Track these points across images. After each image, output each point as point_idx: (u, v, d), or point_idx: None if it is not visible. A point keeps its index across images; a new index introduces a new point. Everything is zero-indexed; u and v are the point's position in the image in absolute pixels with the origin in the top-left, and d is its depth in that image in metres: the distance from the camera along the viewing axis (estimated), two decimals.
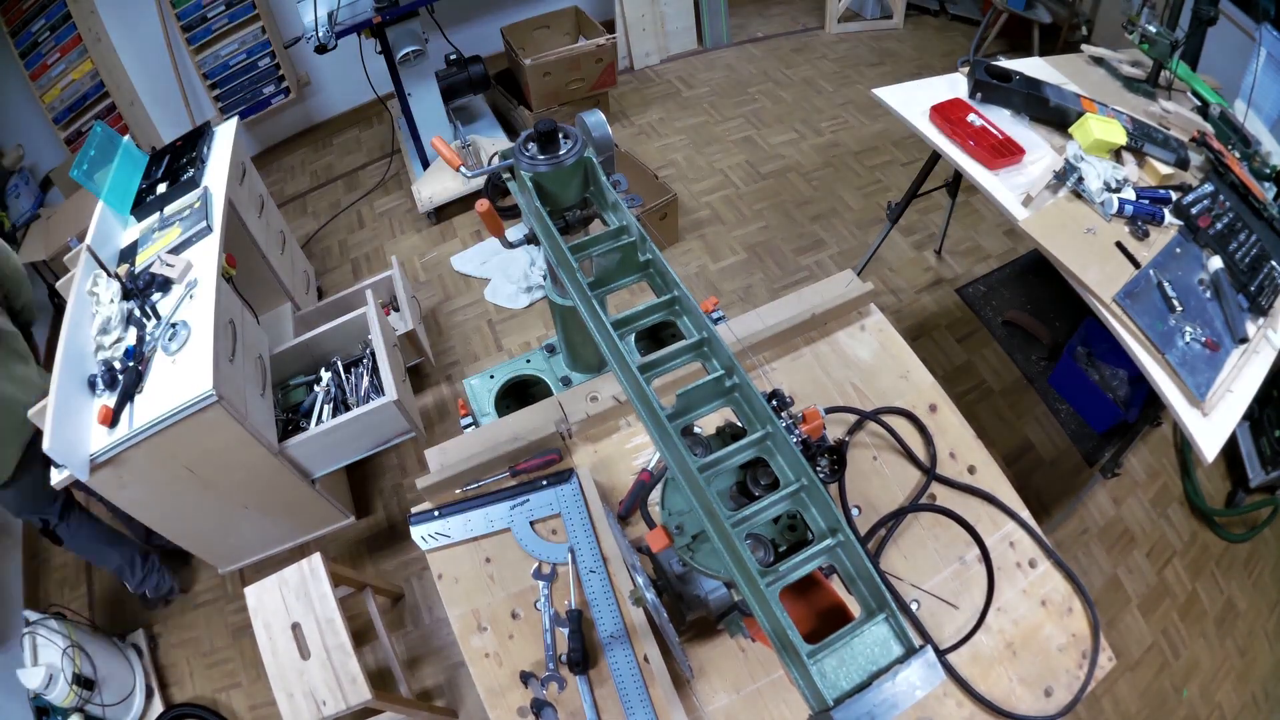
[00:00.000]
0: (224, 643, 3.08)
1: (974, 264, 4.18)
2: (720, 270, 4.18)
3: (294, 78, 4.88)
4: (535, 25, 4.96)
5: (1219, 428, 2.06)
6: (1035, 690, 1.50)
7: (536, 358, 2.43)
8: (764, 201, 4.58)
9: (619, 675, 1.46)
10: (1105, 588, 3.04)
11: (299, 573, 2.34)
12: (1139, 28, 2.83)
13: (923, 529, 1.66)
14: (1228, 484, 3.38)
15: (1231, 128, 2.74)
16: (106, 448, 2.22)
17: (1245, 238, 2.42)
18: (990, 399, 3.60)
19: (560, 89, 4.65)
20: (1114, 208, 2.38)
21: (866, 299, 2.00)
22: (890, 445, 1.79)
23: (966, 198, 4.09)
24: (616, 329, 1.03)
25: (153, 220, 2.86)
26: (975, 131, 2.60)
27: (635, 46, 5.63)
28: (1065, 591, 1.61)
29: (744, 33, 6.05)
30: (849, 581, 0.87)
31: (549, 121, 1.25)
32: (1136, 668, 2.86)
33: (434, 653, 2.95)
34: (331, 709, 2.17)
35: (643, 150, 4.94)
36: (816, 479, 0.90)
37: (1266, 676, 2.91)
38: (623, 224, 1.16)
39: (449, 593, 1.59)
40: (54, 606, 2.77)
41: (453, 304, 4.11)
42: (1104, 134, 2.50)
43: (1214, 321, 2.23)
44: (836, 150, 4.93)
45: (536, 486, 1.69)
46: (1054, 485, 3.31)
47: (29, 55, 4.09)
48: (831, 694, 0.76)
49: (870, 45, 5.92)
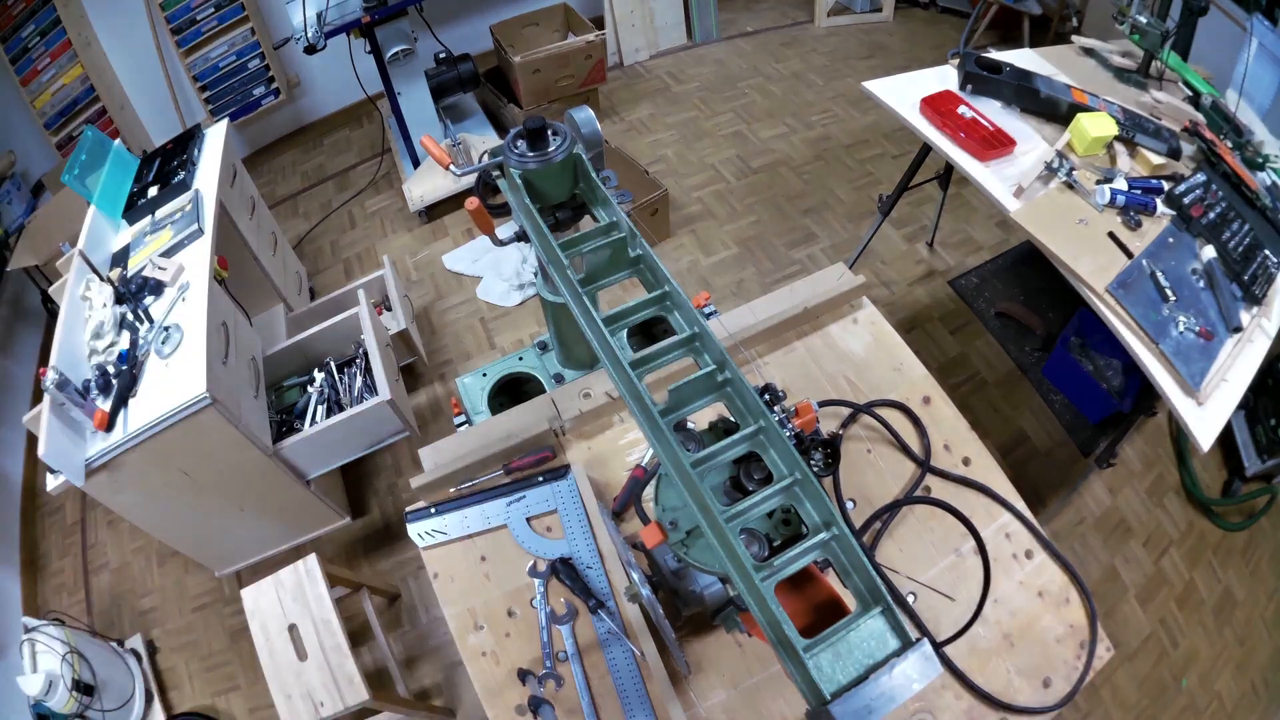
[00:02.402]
0: (222, 646, 3.08)
1: (966, 256, 4.18)
2: (712, 265, 4.18)
3: (284, 79, 4.87)
4: (524, 23, 4.95)
5: (1214, 417, 2.06)
6: (1034, 681, 1.50)
7: (529, 355, 2.43)
8: (755, 196, 4.57)
9: (616, 672, 1.46)
10: (1102, 578, 3.04)
11: (295, 574, 2.34)
12: (1130, 18, 2.83)
13: (918, 521, 1.66)
14: (1224, 473, 3.38)
15: (1223, 118, 2.74)
16: (101, 452, 2.22)
17: (1238, 227, 2.42)
18: (984, 390, 3.60)
19: (550, 86, 4.65)
20: (1106, 198, 2.38)
21: (859, 292, 2.00)
22: (884, 438, 1.79)
23: (958, 190, 4.09)
24: (608, 325, 1.03)
25: (144, 224, 2.85)
26: (966, 123, 2.60)
27: (624, 43, 5.62)
28: (1062, 582, 1.61)
29: (733, 27, 6.04)
30: (844, 575, 0.86)
31: (537, 119, 1.25)
32: (1135, 658, 2.86)
33: (431, 652, 2.95)
34: (329, 710, 2.17)
35: (633, 146, 4.93)
36: (810, 473, 0.90)
37: (1265, 665, 2.92)
38: (613, 220, 1.16)
39: (445, 592, 1.59)
40: (53, 613, 2.76)
41: (445, 302, 4.10)
42: (1097, 130, 2.50)
43: (1208, 311, 2.23)
44: (827, 144, 4.92)
45: (533, 483, 1.69)
46: (1049, 476, 3.31)
47: (19, 61, 4.07)
48: (829, 688, 0.76)
49: (860, 38, 5.91)
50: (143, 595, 3.27)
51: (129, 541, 3.43)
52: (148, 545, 3.39)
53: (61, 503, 3.63)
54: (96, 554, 3.44)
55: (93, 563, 3.42)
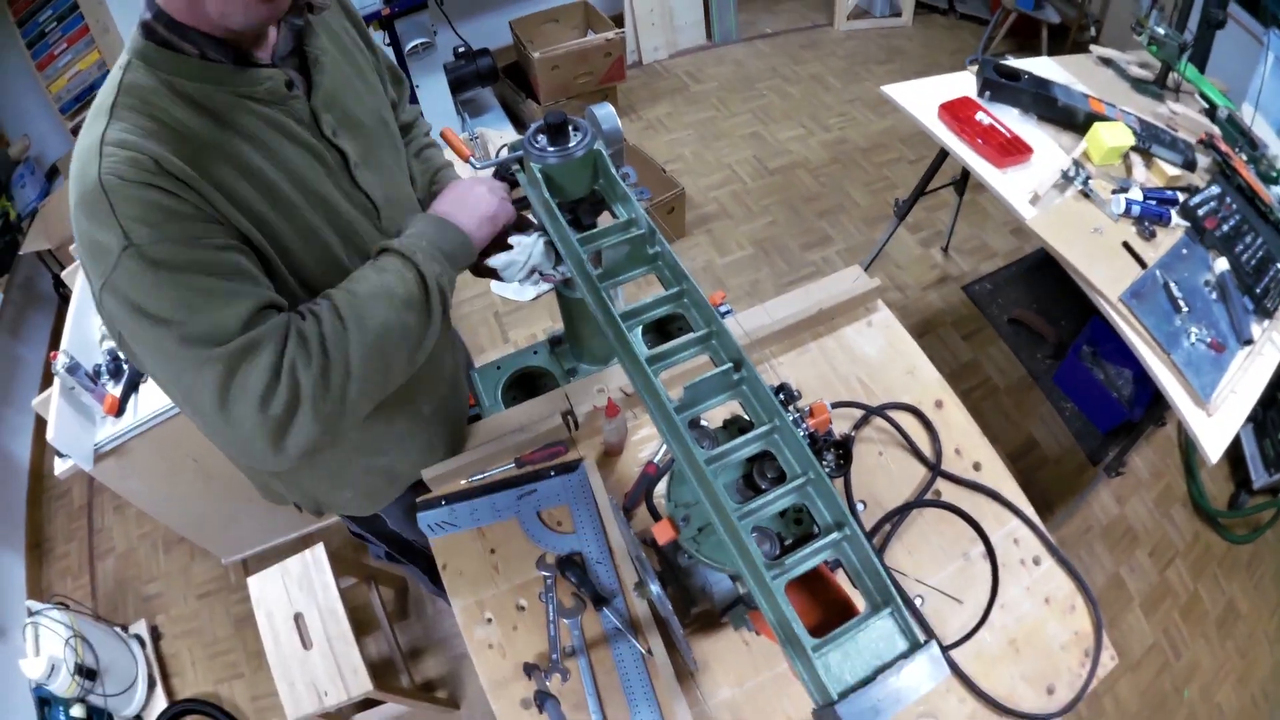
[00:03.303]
0: (226, 633, 3.09)
1: (980, 262, 4.18)
2: (727, 265, 4.18)
3: None
4: (544, 19, 4.95)
5: (1223, 429, 2.06)
6: (1038, 688, 1.50)
7: (543, 350, 2.43)
8: (771, 197, 4.57)
9: (623, 667, 1.47)
10: (1107, 586, 3.04)
11: (302, 563, 2.35)
12: (1147, 29, 2.83)
13: (927, 525, 1.66)
14: (1231, 485, 3.38)
15: (1239, 130, 2.74)
16: (111, 437, 2.23)
17: (1251, 240, 2.42)
18: (995, 396, 3.60)
19: (568, 83, 4.65)
20: (1121, 208, 2.38)
21: (873, 295, 2.00)
22: (896, 441, 1.79)
23: (974, 196, 4.08)
24: (625, 320, 1.03)
25: None
26: (983, 130, 2.60)
27: (644, 41, 5.62)
28: (1068, 589, 1.61)
29: (753, 28, 6.04)
30: (854, 576, 0.87)
31: (559, 114, 1.25)
32: (1138, 667, 2.86)
33: (437, 644, 2.96)
34: (333, 699, 2.18)
35: (650, 145, 4.92)
36: (823, 473, 0.90)
37: (1266, 678, 2.91)
38: (632, 217, 1.16)
39: (453, 584, 1.59)
40: (56, 596, 2.77)
41: (460, 296, 4.09)
42: (1114, 140, 2.50)
43: (1219, 323, 2.23)
44: (844, 147, 4.92)
45: (544, 476, 1.70)
46: (1058, 483, 3.31)
47: (36, 45, 4.07)
48: (836, 688, 0.76)
49: (879, 42, 5.91)
50: (148, 581, 3.28)
51: (135, 527, 3.44)
52: (154, 531, 3.40)
53: (69, 487, 3.65)
54: (102, 539, 3.46)
55: (98, 547, 3.43)
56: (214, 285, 1.07)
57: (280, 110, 1.20)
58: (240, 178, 1.13)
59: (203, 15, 1.07)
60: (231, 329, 1.07)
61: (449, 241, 1.30)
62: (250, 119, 1.16)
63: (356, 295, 1.19)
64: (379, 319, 1.19)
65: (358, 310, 1.18)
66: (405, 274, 1.22)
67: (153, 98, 1.08)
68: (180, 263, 1.04)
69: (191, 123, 1.10)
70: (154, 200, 1.02)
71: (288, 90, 1.20)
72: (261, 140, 1.17)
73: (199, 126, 1.10)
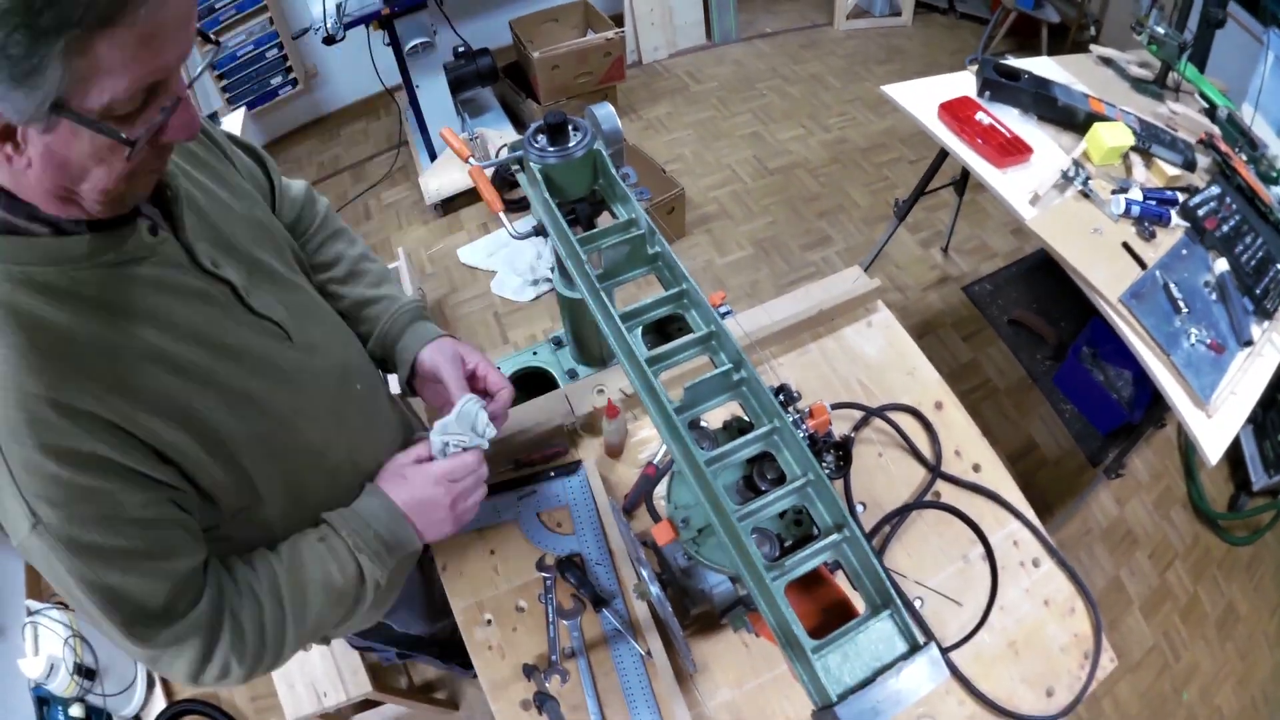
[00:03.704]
0: None
1: (980, 262, 4.18)
2: (727, 265, 4.18)
3: (301, 69, 4.87)
4: (544, 18, 4.95)
5: (1223, 430, 2.06)
6: (1037, 690, 1.50)
7: (543, 350, 2.43)
8: (771, 197, 4.57)
9: (622, 669, 1.47)
10: (1107, 588, 3.04)
11: None
12: (1147, 29, 2.83)
13: (927, 526, 1.66)
14: (1230, 487, 3.38)
15: (1239, 130, 2.74)
16: None
17: (1251, 240, 2.42)
18: (995, 397, 3.60)
19: (568, 82, 4.64)
20: (1121, 208, 2.38)
21: (873, 296, 2.00)
22: (896, 442, 1.79)
23: (973, 196, 4.08)
24: (624, 321, 1.03)
25: None
26: (983, 130, 2.60)
27: (644, 41, 5.62)
28: (1068, 591, 1.61)
29: (752, 28, 6.03)
30: (854, 577, 0.87)
31: (559, 113, 1.25)
32: (1137, 669, 2.86)
33: None
34: (332, 700, 2.18)
35: (650, 145, 4.92)
36: (823, 474, 0.90)
37: (1266, 680, 2.91)
38: (632, 217, 1.16)
39: (453, 585, 1.59)
40: (56, 596, 2.76)
41: (459, 296, 4.10)
42: (1114, 140, 2.50)
43: (1219, 324, 2.23)
44: (844, 147, 4.92)
45: (544, 477, 1.70)
46: (1057, 485, 3.31)
47: None
48: (835, 689, 0.76)
49: (878, 42, 5.91)
50: None
51: None
52: None
53: None
54: None
55: None
56: (135, 565, 0.96)
57: (154, 264, 1.00)
58: (143, 370, 0.96)
59: (74, 208, 0.89)
60: (155, 608, 0.99)
61: (397, 538, 1.23)
62: (130, 289, 0.97)
63: (300, 582, 1.15)
64: (316, 608, 1.16)
65: (299, 598, 1.14)
66: (347, 568, 1.18)
67: (11, 300, 0.87)
68: (96, 546, 0.92)
69: (65, 321, 0.90)
70: (60, 478, 0.87)
71: (154, 236, 1.00)
72: (149, 312, 0.98)
73: (75, 324, 0.91)
